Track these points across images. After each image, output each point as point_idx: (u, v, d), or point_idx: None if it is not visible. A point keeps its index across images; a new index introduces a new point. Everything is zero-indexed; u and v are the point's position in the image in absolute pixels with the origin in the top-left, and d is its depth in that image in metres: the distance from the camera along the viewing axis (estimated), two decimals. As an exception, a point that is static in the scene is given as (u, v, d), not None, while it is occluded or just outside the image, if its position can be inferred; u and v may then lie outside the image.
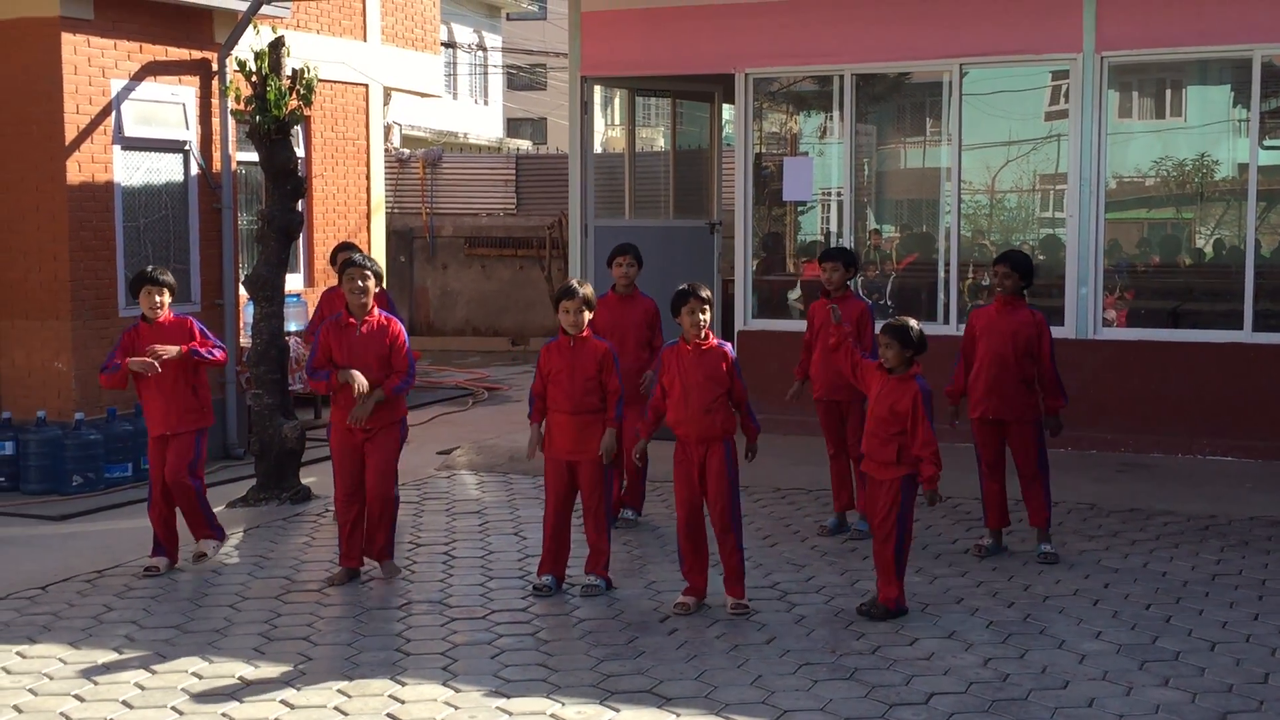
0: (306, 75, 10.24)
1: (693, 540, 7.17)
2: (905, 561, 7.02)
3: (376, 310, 7.74)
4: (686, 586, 7.20)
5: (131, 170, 11.83)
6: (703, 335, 7.08)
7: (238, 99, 10.37)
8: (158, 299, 8.01)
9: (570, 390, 7.36)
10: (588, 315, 7.42)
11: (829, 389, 8.65)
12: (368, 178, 15.83)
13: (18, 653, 6.58)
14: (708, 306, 7.08)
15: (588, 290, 7.45)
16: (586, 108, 12.92)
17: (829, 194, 13.19)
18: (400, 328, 7.81)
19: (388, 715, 5.71)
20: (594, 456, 7.38)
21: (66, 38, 11.15)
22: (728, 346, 7.17)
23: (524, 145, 33.26)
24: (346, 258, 7.87)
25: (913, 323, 7.04)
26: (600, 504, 7.44)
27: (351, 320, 7.66)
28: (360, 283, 7.60)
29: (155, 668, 6.33)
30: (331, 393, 7.75)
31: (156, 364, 7.81)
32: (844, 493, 8.85)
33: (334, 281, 8.96)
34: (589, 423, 7.38)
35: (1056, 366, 8.24)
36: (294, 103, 10.19)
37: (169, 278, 8.13)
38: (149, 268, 8.26)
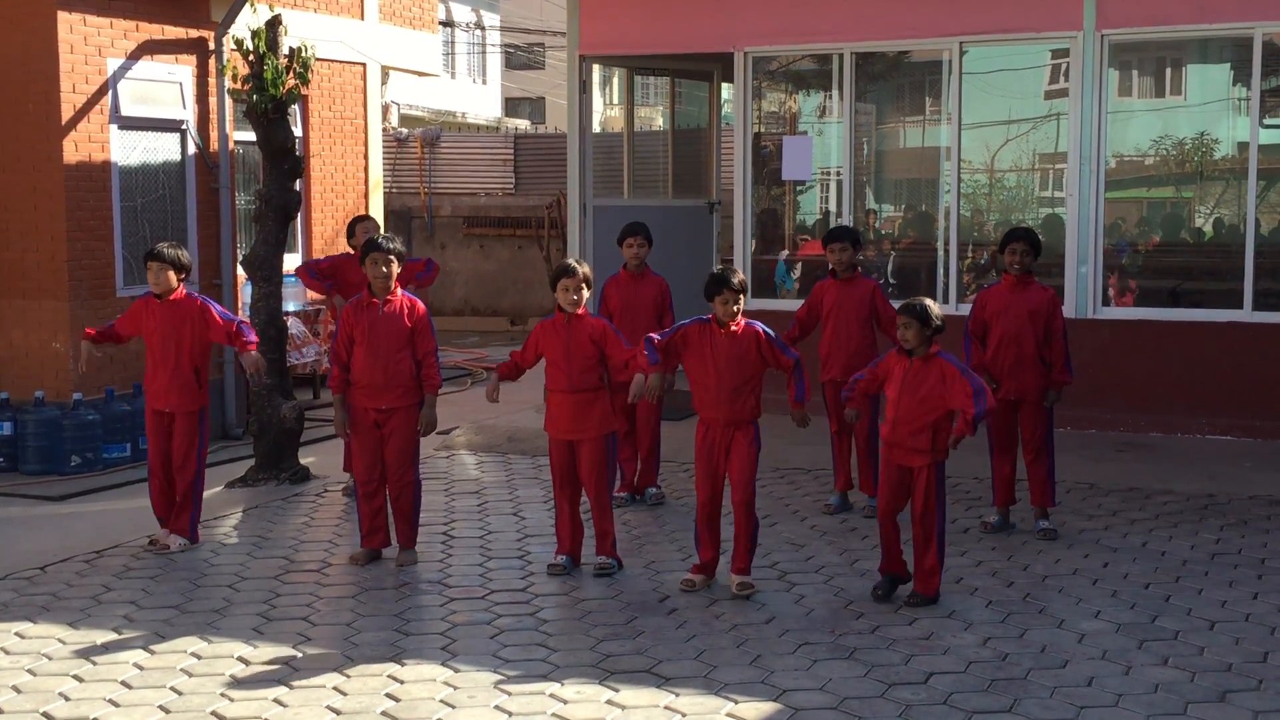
0: (304, 54, 10.19)
1: (711, 522, 7.14)
2: (945, 550, 6.95)
3: (399, 291, 7.73)
4: (696, 564, 7.19)
5: (128, 150, 11.80)
6: (736, 320, 7.00)
7: (235, 78, 10.34)
8: (159, 277, 8.02)
9: (568, 370, 7.34)
10: (585, 293, 7.40)
11: (845, 371, 8.56)
12: (365, 157, 15.78)
13: (16, 633, 6.57)
14: (742, 297, 6.99)
15: (586, 269, 7.43)
16: (585, 87, 12.87)
17: (828, 173, 13.16)
18: (424, 308, 7.79)
19: (387, 695, 5.71)
20: (594, 435, 7.37)
21: (63, 16, 11.10)
22: (759, 326, 7.05)
23: (522, 125, 33.21)
24: (369, 238, 7.84)
25: (931, 303, 6.89)
26: (602, 486, 7.41)
27: (374, 301, 7.65)
28: (384, 268, 7.58)
29: (154, 648, 6.33)
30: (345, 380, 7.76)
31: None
32: (846, 472, 8.87)
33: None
34: (588, 401, 7.36)
35: (1068, 343, 8.27)
36: (291, 82, 10.15)
37: (172, 253, 8.08)
38: (161, 244, 8.24)
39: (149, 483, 8.20)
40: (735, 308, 6.97)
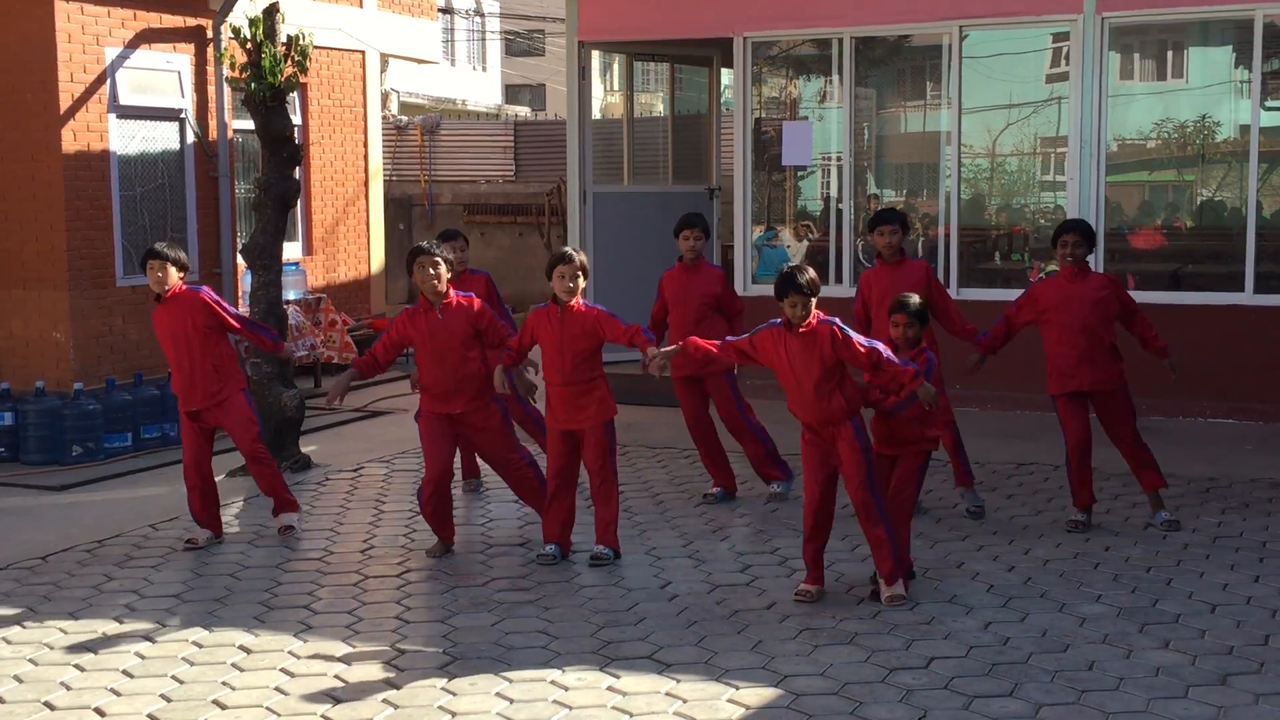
0: (302, 42, 10.17)
1: (822, 526, 6.79)
2: (894, 533, 6.75)
3: (453, 292, 7.61)
4: (809, 575, 6.80)
5: (127, 139, 11.79)
6: (806, 321, 6.58)
7: (233, 66, 10.31)
8: (159, 274, 7.93)
9: (560, 364, 7.26)
10: (582, 282, 7.33)
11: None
12: (365, 145, 15.77)
13: (18, 623, 6.58)
14: (812, 299, 6.52)
15: (582, 257, 7.37)
16: (584, 73, 12.85)
17: (828, 159, 13.14)
18: (480, 304, 7.66)
19: (387, 682, 5.71)
20: (594, 424, 7.33)
21: (60, 5, 11.09)
22: (835, 323, 6.54)
23: (522, 111, 33.16)
24: (416, 245, 7.75)
25: (915, 298, 6.97)
26: (606, 473, 7.37)
27: (430, 307, 7.54)
28: (433, 270, 7.45)
29: (155, 637, 6.34)
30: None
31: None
32: None
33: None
34: (582, 391, 7.31)
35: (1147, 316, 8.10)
36: (289, 69, 10.12)
37: (172, 253, 7.97)
38: (159, 244, 8.10)
39: (188, 491, 7.99)
40: (805, 309, 6.55)
